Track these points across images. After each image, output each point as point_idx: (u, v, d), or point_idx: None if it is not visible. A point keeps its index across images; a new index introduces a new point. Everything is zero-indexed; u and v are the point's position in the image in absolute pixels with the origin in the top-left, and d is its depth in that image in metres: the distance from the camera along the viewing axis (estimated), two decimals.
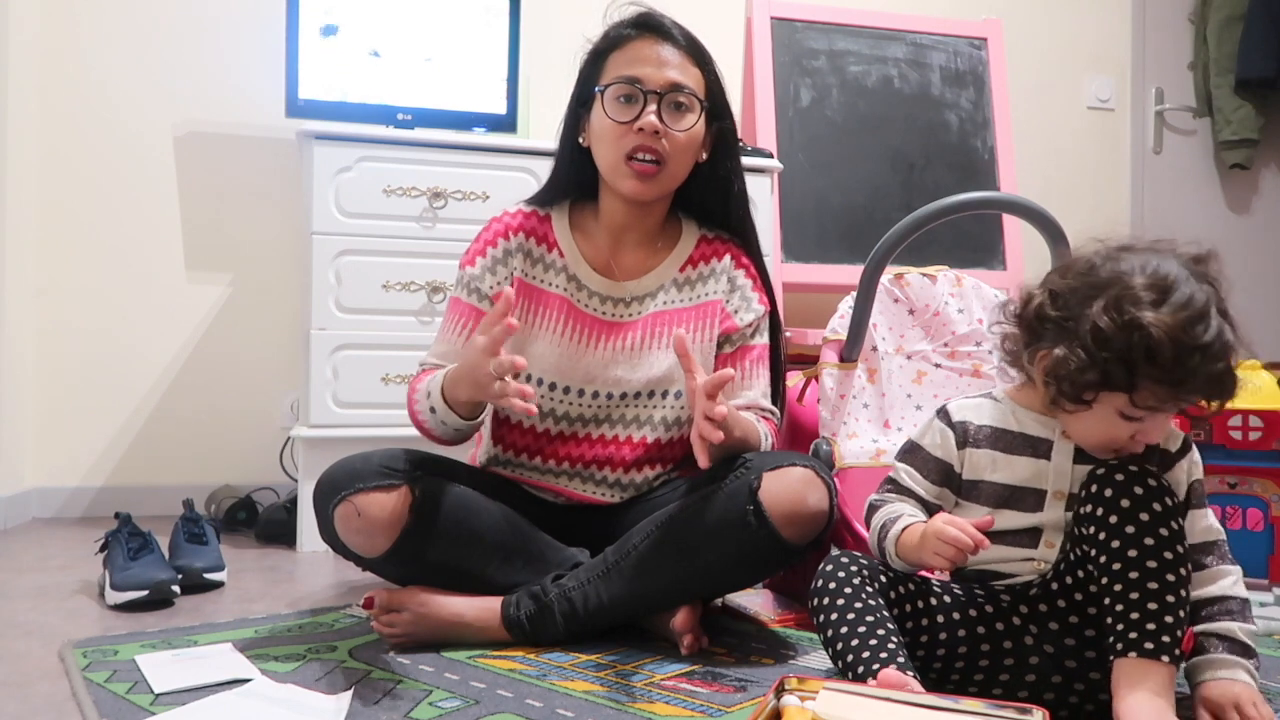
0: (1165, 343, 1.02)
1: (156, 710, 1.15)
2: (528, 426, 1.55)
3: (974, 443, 1.22)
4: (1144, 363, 1.03)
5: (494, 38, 2.47)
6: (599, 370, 1.54)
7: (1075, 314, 1.09)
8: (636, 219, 1.57)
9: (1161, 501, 1.07)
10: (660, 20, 1.52)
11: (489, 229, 1.58)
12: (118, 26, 2.56)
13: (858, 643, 1.11)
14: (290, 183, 2.60)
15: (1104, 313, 1.05)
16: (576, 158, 1.57)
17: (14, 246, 2.42)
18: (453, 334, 1.55)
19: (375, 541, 1.38)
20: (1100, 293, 1.07)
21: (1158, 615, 1.03)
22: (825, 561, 1.20)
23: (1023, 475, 1.19)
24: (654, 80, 1.48)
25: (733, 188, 1.60)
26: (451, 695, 1.21)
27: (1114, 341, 1.04)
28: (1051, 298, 1.13)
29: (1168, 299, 1.05)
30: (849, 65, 2.90)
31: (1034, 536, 1.18)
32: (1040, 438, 1.20)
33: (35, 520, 2.48)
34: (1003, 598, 1.18)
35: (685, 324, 1.57)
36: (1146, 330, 1.02)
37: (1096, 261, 1.12)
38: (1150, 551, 1.05)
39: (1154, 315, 1.03)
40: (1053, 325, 1.12)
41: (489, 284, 1.55)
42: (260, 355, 2.64)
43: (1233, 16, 3.37)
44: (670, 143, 1.48)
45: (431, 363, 1.54)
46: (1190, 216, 3.48)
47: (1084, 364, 1.06)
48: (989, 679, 1.16)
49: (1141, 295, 1.05)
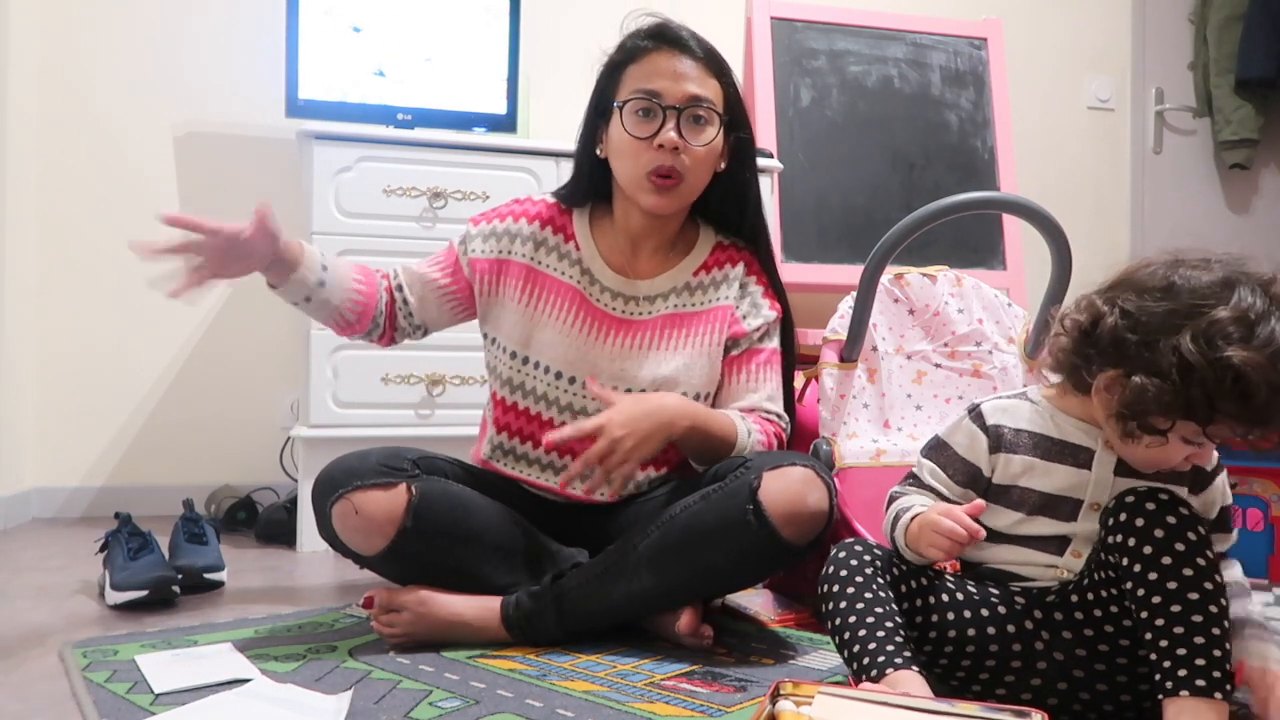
0: (1260, 384, 0.99)
1: (156, 710, 1.14)
2: (535, 413, 1.56)
3: (1009, 448, 1.19)
4: (1231, 400, 1.00)
5: (494, 38, 2.47)
6: (606, 365, 1.55)
7: (1155, 342, 1.04)
8: (654, 228, 1.58)
9: (1195, 531, 1.04)
10: (678, 32, 1.51)
11: (507, 205, 1.62)
12: (117, 26, 2.56)
13: (865, 634, 1.10)
14: (290, 183, 2.60)
15: (1194, 345, 1.00)
16: (594, 168, 1.58)
17: (14, 247, 2.42)
18: (427, 265, 1.61)
19: (373, 540, 1.39)
20: (1183, 321, 1.02)
21: (1206, 650, 0.99)
22: (838, 548, 1.19)
23: (1061, 484, 1.16)
24: (673, 95, 1.47)
25: (749, 196, 1.61)
26: (451, 695, 1.21)
27: (1204, 378, 1.00)
28: (1126, 320, 1.07)
29: (1255, 334, 1.00)
30: (849, 65, 2.90)
31: (1061, 545, 1.16)
32: (1082, 446, 1.16)
33: (35, 520, 2.48)
34: (1017, 600, 1.16)
35: (696, 327, 1.57)
36: (1240, 369, 0.98)
37: (1173, 279, 1.06)
38: (1190, 583, 1.02)
39: (1245, 354, 0.99)
40: (1130, 350, 1.06)
41: (477, 249, 1.59)
42: (260, 355, 2.64)
43: (1233, 16, 3.37)
44: (690, 157, 1.48)
45: (391, 270, 1.61)
46: (1190, 216, 3.48)
47: (1167, 398, 1.02)
48: (994, 680, 1.16)
49: (1231, 330, 1.00)
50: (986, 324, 1.78)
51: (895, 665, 1.07)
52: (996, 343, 1.77)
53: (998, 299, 1.81)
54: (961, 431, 1.23)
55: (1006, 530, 1.19)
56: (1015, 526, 1.18)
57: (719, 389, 1.59)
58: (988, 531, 1.20)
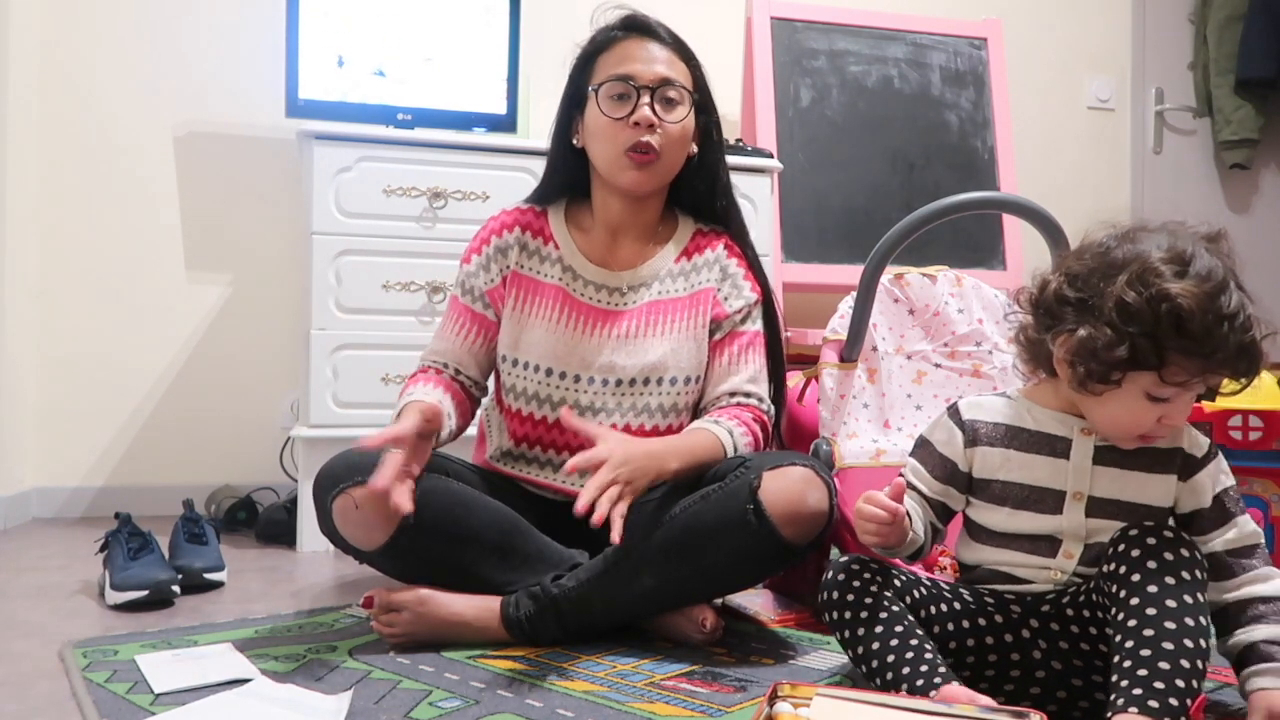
0: (1195, 311, 1.01)
1: (156, 710, 1.15)
2: (527, 414, 1.58)
3: (985, 441, 1.20)
4: (1173, 334, 1.02)
5: (494, 38, 2.47)
6: (594, 356, 1.57)
7: (1097, 292, 1.07)
8: (633, 215, 1.60)
9: (1191, 571, 1.03)
10: (646, 20, 1.58)
11: (485, 228, 1.64)
12: (118, 26, 2.56)
13: (894, 659, 1.08)
14: (290, 183, 2.60)
15: (1129, 287, 1.04)
16: (569, 159, 1.62)
17: (14, 246, 2.42)
18: (450, 333, 1.62)
19: (372, 535, 1.39)
20: (1120, 269, 1.06)
21: (1168, 676, 0.97)
22: (832, 569, 1.17)
23: (1040, 475, 1.16)
24: (645, 76, 1.52)
25: (719, 179, 1.65)
26: (451, 695, 1.21)
27: (1141, 314, 1.03)
28: (1069, 279, 1.11)
29: (1189, 270, 1.03)
30: (849, 65, 2.90)
31: (1053, 545, 1.15)
32: (1058, 436, 1.17)
33: (35, 520, 2.48)
34: (1013, 608, 1.16)
35: (680, 312, 1.59)
36: (1174, 300, 1.01)
37: (1111, 244, 1.10)
38: (1172, 614, 1.00)
39: (1180, 285, 1.01)
40: (1073, 306, 1.09)
41: (482, 281, 1.60)
42: (260, 355, 2.64)
43: (1233, 16, 3.37)
44: (664, 134, 1.52)
45: (430, 361, 1.62)
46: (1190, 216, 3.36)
47: (1111, 340, 1.04)
48: (994, 688, 1.15)
49: (1163, 268, 1.03)
50: (986, 324, 1.78)
51: (935, 684, 1.05)
52: (996, 343, 1.77)
53: (998, 299, 1.81)
54: (940, 428, 1.24)
55: (997, 529, 1.19)
56: (1004, 524, 1.18)
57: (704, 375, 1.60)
58: (981, 531, 1.20)
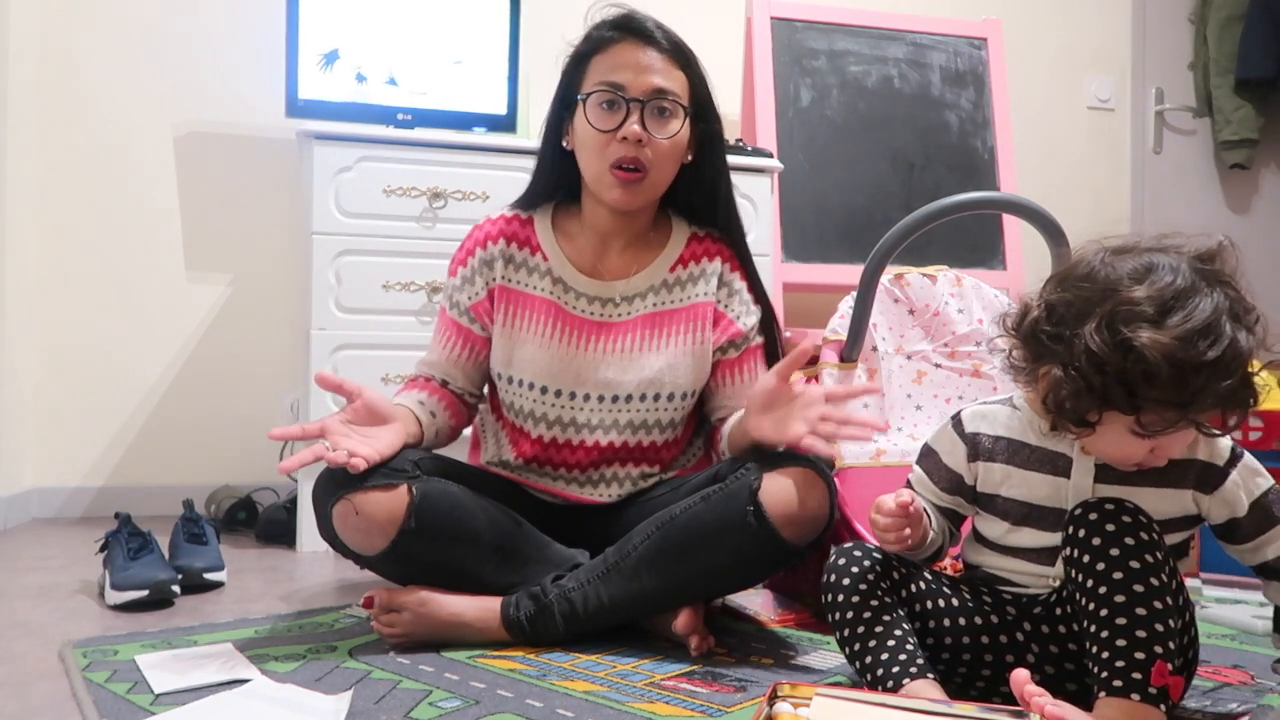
0: (1162, 365, 0.94)
1: (156, 710, 1.14)
2: (535, 436, 1.56)
3: (987, 455, 1.17)
4: (1143, 384, 0.96)
5: (494, 38, 2.47)
6: (589, 372, 1.54)
7: (1070, 331, 1.01)
8: (622, 224, 1.56)
9: (1135, 535, 1.02)
10: (642, 23, 1.49)
11: (469, 238, 1.60)
12: (118, 26, 2.56)
13: (875, 645, 1.10)
14: (290, 183, 2.60)
15: (1096, 333, 0.98)
16: (560, 160, 1.56)
17: (14, 246, 2.41)
18: (440, 346, 1.61)
19: (373, 540, 1.38)
20: (1094, 307, 1.00)
21: (1127, 652, 0.97)
22: (836, 554, 1.18)
23: (1041, 494, 1.14)
24: (636, 87, 1.46)
25: (719, 190, 1.59)
26: (451, 695, 1.21)
27: (1108, 365, 0.97)
28: (1048, 311, 1.05)
29: (1169, 314, 0.97)
30: (849, 65, 2.90)
31: (1053, 555, 1.13)
32: (1060, 453, 1.13)
33: (35, 520, 2.48)
34: (1009, 610, 1.16)
35: (677, 325, 1.56)
36: (1140, 353, 0.95)
37: (1095, 266, 1.03)
38: (1119, 586, 1.00)
39: (1150, 335, 0.95)
40: (1050, 340, 1.03)
41: (467, 296, 1.58)
42: (260, 355, 2.64)
43: (1233, 16, 3.37)
44: (653, 150, 1.47)
45: (423, 372, 1.62)
46: (1190, 216, 3.47)
47: (1080, 388, 0.99)
48: (990, 688, 1.16)
49: (1137, 311, 0.97)
50: (986, 324, 1.78)
51: (910, 675, 1.06)
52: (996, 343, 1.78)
53: (998, 299, 1.81)
54: (944, 438, 1.22)
55: (997, 541, 1.18)
56: (1004, 537, 1.17)
57: (715, 391, 1.59)
58: (984, 538, 1.20)
